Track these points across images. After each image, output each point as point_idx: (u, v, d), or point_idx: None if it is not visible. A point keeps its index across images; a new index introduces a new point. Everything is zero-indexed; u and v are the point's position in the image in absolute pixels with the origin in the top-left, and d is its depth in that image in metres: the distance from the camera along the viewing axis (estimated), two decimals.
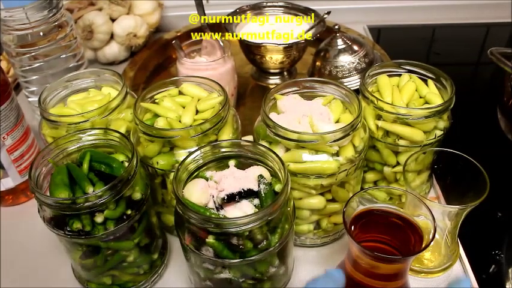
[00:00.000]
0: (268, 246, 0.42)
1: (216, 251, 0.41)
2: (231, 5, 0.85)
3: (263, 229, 0.42)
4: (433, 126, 0.54)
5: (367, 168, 0.59)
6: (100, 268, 0.49)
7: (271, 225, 0.43)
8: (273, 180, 0.46)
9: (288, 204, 0.44)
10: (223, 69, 0.70)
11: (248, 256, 0.42)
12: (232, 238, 0.41)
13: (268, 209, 0.40)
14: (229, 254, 0.41)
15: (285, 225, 0.44)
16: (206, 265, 0.44)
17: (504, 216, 0.62)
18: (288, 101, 0.54)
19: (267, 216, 0.40)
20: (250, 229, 0.40)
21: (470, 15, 1.06)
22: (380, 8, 1.06)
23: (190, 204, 0.42)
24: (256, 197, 0.44)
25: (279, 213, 0.42)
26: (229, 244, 0.41)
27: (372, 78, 0.59)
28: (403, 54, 0.64)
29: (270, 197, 0.43)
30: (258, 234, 0.41)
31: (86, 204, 0.43)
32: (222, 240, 0.41)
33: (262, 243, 0.41)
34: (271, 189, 0.44)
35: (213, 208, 0.44)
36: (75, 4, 0.90)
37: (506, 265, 0.56)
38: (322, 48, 0.76)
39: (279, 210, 0.41)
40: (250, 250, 0.41)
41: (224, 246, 0.41)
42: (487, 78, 0.96)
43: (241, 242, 0.41)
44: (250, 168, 0.47)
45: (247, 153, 0.48)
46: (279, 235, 0.43)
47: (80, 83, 0.59)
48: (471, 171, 0.50)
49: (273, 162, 0.46)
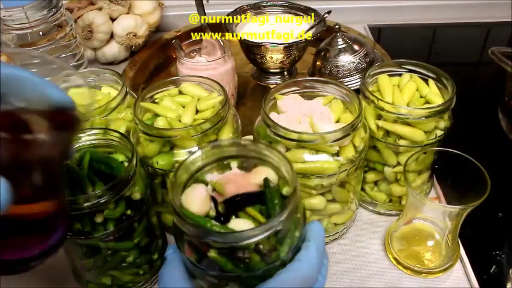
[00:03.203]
0: (277, 258, 0.37)
1: (219, 265, 0.37)
2: (231, 5, 0.85)
3: (271, 240, 0.37)
4: (434, 126, 0.54)
5: (368, 168, 0.59)
6: (100, 268, 0.49)
7: (281, 235, 0.38)
8: (280, 182, 0.41)
9: (298, 210, 0.39)
10: (223, 69, 0.70)
11: (255, 269, 0.37)
12: (237, 251, 0.36)
13: (276, 218, 0.36)
14: (234, 268, 0.37)
15: (295, 233, 0.39)
16: (209, 278, 0.39)
17: (505, 216, 0.61)
18: (288, 101, 0.53)
19: (275, 226, 0.36)
20: (256, 242, 0.36)
21: (471, 15, 1.06)
22: (381, 7, 1.06)
23: (189, 215, 0.38)
24: (261, 203, 0.40)
25: (288, 222, 0.37)
26: (234, 257, 0.37)
27: (372, 78, 0.58)
28: (403, 54, 0.64)
29: (278, 203, 0.39)
30: (265, 246, 0.37)
31: (86, 205, 0.42)
32: (225, 254, 0.37)
33: (270, 255, 0.37)
34: (278, 193, 0.40)
35: (215, 217, 0.40)
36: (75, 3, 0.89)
37: (507, 265, 0.56)
38: (323, 48, 0.76)
39: (288, 218, 0.37)
40: (257, 263, 0.37)
41: (228, 260, 0.37)
42: (488, 78, 0.96)
43: (247, 255, 0.36)
44: (254, 169, 0.43)
45: (250, 153, 0.43)
46: (288, 245, 0.38)
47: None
48: (472, 171, 0.50)
49: (278, 162, 0.41)
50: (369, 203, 0.62)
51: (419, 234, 0.57)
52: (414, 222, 0.57)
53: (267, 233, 0.36)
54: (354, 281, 0.54)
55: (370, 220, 0.61)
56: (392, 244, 0.56)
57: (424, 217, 0.56)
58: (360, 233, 0.60)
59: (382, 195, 0.60)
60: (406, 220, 0.56)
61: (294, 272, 0.36)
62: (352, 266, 0.56)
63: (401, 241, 0.56)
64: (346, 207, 0.55)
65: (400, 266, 0.55)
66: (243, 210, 0.39)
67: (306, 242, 0.38)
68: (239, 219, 0.39)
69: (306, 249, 0.38)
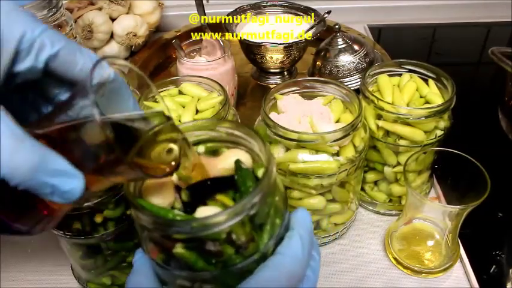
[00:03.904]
0: (255, 250, 0.32)
1: (188, 263, 0.31)
2: (231, 5, 0.85)
3: (246, 228, 0.31)
4: (434, 126, 0.54)
5: (368, 168, 0.59)
6: (100, 268, 0.49)
7: (257, 221, 0.32)
8: (254, 165, 0.36)
9: (276, 193, 0.34)
10: (223, 69, 0.70)
11: (231, 264, 0.31)
12: (206, 244, 0.31)
13: (247, 199, 0.30)
14: (205, 265, 0.31)
15: (275, 219, 0.33)
16: (181, 282, 0.33)
17: (505, 216, 0.61)
18: (288, 101, 0.53)
19: (248, 210, 0.30)
20: (228, 230, 0.30)
21: (471, 15, 1.06)
22: (380, 7, 1.06)
23: (148, 206, 0.33)
24: (235, 190, 0.34)
25: (264, 205, 0.32)
26: (204, 252, 0.31)
27: (372, 78, 0.58)
28: (403, 54, 0.64)
29: (252, 186, 0.34)
30: (239, 235, 0.31)
31: (86, 205, 0.42)
32: (193, 249, 0.31)
33: (246, 246, 0.31)
34: (252, 175, 0.34)
35: (181, 209, 0.34)
36: (75, 4, 0.89)
37: (507, 265, 0.56)
38: (323, 48, 0.76)
39: (263, 200, 0.31)
40: (233, 257, 0.31)
41: (197, 255, 0.31)
42: (488, 78, 0.96)
43: (219, 247, 0.31)
44: (224, 153, 0.37)
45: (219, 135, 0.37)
46: (268, 234, 0.32)
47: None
48: (472, 171, 0.50)
49: (251, 143, 0.36)
50: (368, 203, 0.62)
51: (419, 234, 0.57)
52: (414, 222, 0.57)
53: (239, 218, 0.30)
54: (353, 281, 0.54)
55: (370, 220, 0.61)
56: (392, 244, 0.56)
57: (424, 217, 0.56)
58: (359, 233, 0.60)
59: (382, 195, 0.60)
60: (406, 220, 0.56)
61: (274, 268, 0.31)
62: (352, 266, 0.56)
63: (401, 241, 0.56)
64: (346, 207, 0.55)
65: (400, 266, 0.55)
66: (213, 198, 0.34)
67: (289, 230, 0.33)
68: (207, 207, 0.33)
69: (289, 239, 0.32)
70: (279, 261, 0.31)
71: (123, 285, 0.51)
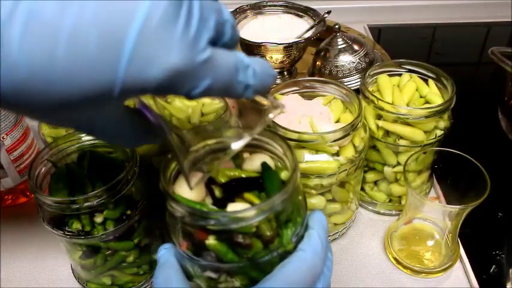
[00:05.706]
0: (280, 244, 0.35)
1: (218, 255, 0.35)
2: (231, 5, 0.85)
3: (272, 224, 0.35)
4: (434, 126, 0.54)
5: (368, 168, 0.59)
6: (100, 268, 0.49)
7: (282, 218, 0.36)
8: (278, 168, 0.40)
9: (299, 192, 0.38)
10: None
11: (257, 257, 0.35)
12: (237, 237, 0.34)
13: (275, 197, 0.34)
14: (234, 257, 0.34)
15: (297, 218, 0.37)
16: (208, 273, 0.36)
17: (505, 216, 0.62)
18: (288, 101, 0.53)
19: (275, 207, 0.34)
20: (257, 224, 0.34)
21: (471, 15, 1.06)
22: (380, 7, 1.06)
23: (183, 200, 0.36)
24: (259, 190, 0.38)
25: (289, 204, 0.35)
26: (235, 244, 0.34)
27: (372, 78, 0.58)
28: (403, 54, 0.64)
29: (277, 186, 0.37)
30: (266, 230, 0.34)
31: (86, 205, 0.42)
32: (225, 241, 0.34)
33: (272, 240, 0.35)
34: (277, 177, 0.38)
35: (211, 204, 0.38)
36: None
37: (507, 265, 0.56)
38: (323, 48, 0.76)
39: (288, 199, 0.35)
40: (260, 250, 0.35)
41: (228, 247, 0.34)
42: (488, 78, 0.96)
43: (249, 240, 0.34)
44: (249, 157, 0.41)
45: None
46: (291, 230, 0.36)
47: None
48: (472, 171, 0.50)
49: (276, 147, 0.40)
50: (368, 202, 0.62)
51: (419, 234, 0.57)
52: (414, 222, 0.57)
53: (268, 213, 0.33)
54: (353, 280, 0.54)
55: (370, 220, 0.61)
56: (392, 244, 0.56)
57: (424, 217, 0.56)
58: (359, 233, 0.60)
59: (382, 195, 0.60)
60: (406, 220, 0.56)
61: (297, 262, 0.34)
62: (351, 265, 0.56)
63: (401, 241, 0.56)
64: (346, 207, 0.55)
65: (399, 266, 0.55)
66: (241, 196, 0.37)
67: (309, 230, 0.37)
68: (237, 204, 0.36)
69: (309, 237, 0.36)
70: (302, 256, 0.34)
71: (123, 285, 0.51)
